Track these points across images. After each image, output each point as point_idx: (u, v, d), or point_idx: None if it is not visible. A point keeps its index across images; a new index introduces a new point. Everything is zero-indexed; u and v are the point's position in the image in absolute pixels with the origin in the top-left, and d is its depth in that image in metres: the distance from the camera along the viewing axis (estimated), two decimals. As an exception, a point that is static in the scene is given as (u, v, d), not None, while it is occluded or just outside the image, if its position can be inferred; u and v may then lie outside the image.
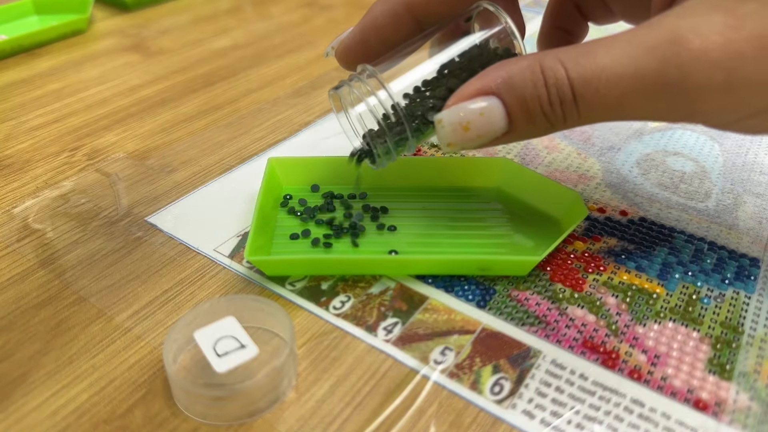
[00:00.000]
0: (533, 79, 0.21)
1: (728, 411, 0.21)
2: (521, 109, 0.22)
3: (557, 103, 0.21)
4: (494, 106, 0.22)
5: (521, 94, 0.22)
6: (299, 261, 0.26)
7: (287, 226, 0.28)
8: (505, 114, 0.22)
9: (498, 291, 0.26)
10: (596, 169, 0.34)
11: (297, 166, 0.31)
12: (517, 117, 0.22)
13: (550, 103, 0.21)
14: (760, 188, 0.32)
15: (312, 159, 0.31)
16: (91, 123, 0.39)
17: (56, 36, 0.50)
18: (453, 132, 0.23)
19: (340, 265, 0.26)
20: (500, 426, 0.21)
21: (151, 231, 0.29)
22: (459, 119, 0.22)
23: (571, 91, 0.21)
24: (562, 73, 0.21)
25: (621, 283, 0.26)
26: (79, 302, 0.25)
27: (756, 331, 0.24)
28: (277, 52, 0.49)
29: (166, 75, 0.45)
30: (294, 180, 0.31)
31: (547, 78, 0.21)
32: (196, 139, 0.37)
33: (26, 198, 0.32)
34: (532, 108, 0.22)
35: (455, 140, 0.23)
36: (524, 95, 0.22)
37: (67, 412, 0.21)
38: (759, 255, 0.28)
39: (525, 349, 0.23)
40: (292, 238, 0.28)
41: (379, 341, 0.23)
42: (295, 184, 0.31)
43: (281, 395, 0.21)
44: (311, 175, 0.31)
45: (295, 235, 0.28)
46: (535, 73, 0.21)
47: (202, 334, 0.21)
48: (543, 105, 0.21)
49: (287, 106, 0.40)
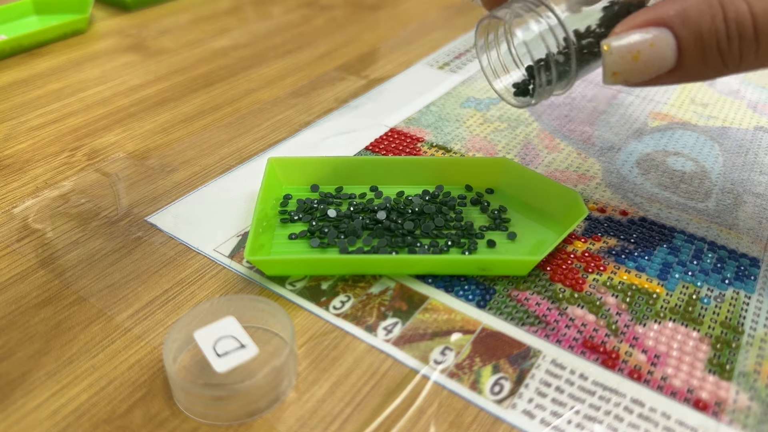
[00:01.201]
0: (711, 12, 0.20)
1: (728, 411, 0.21)
2: (696, 44, 0.21)
3: (735, 40, 0.20)
4: (666, 37, 0.21)
5: (697, 27, 0.21)
6: (299, 261, 0.26)
7: (287, 227, 0.28)
8: (676, 48, 0.21)
9: (498, 291, 0.26)
10: (596, 169, 0.34)
11: (297, 166, 0.31)
12: (690, 53, 0.21)
13: (728, 38, 0.20)
14: (760, 188, 0.32)
15: (312, 159, 0.31)
16: (91, 123, 0.39)
17: (56, 36, 0.50)
18: (621, 60, 0.22)
19: (339, 265, 0.26)
20: (500, 426, 0.21)
21: (151, 231, 0.29)
22: (629, 47, 0.21)
23: (753, 27, 0.20)
24: (744, 8, 0.20)
25: (621, 283, 0.26)
26: (79, 302, 0.25)
27: (756, 331, 0.24)
28: (277, 52, 0.49)
29: (166, 75, 0.45)
30: (294, 180, 0.31)
31: (727, 12, 0.20)
32: (196, 139, 0.37)
33: (26, 198, 0.32)
34: (708, 43, 0.21)
35: (623, 69, 0.22)
36: (700, 29, 0.21)
37: (67, 412, 0.21)
38: (759, 255, 0.28)
39: (525, 349, 0.23)
40: (291, 238, 0.28)
41: (379, 341, 0.23)
42: (295, 184, 0.31)
43: (281, 395, 0.21)
44: (311, 174, 0.31)
45: (294, 236, 0.28)
46: (713, 7, 0.20)
47: (202, 334, 0.21)
48: (720, 41, 0.20)
49: (287, 106, 0.40)
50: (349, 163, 0.31)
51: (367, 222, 0.28)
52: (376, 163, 0.31)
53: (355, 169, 0.31)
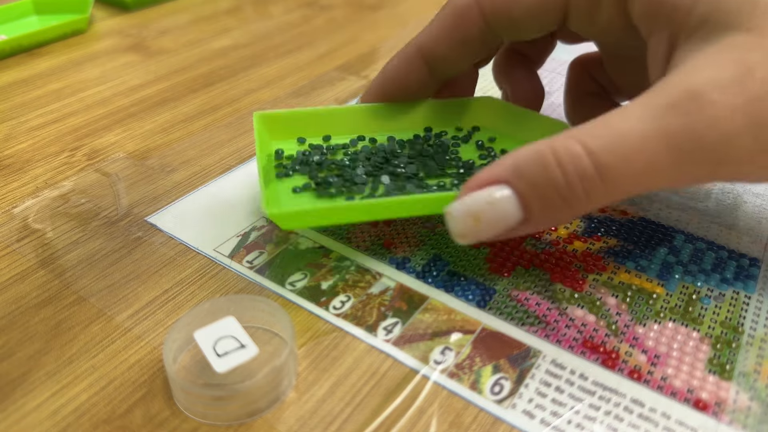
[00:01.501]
0: (543, 161, 0.20)
1: (728, 411, 0.21)
2: (536, 195, 0.21)
3: (576, 181, 0.20)
4: (505, 194, 0.21)
5: (532, 179, 0.21)
6: (323, 210, 0.25)
7: (284, 181, 0.28)
8: (518, 203, 0.21)
9: (498, 291, 0.26)
10: (596, 169, 0.34)
11: (282, 120, 0.30)
12: (533, 204, 0.21)
13: (567, 183, 0.20)
14: (760, 188, 0.32)
15: (298, 111, 0.31)
16: (91, 123, 0.39)
17: (56, 36, 0.50)
18: (464, 224, 0.22)
19: (359, 210, 0.25)
20: (500, 426, 0.21)
21: (151, 231, 0.29)
22: (468, 210, 0.21)
23: (592, 164, 0.20)
24: (578, 149, 0.20)
25: (621, 283, 0.26)
26: (79, 302, 0.25)
27: (756, 331, 0.24)
28: (277, 52, 0.49)
29: (166, 75, 0.45)
30: (280, 134, 0.30)
31: (561, 157, 0.20)
32: (196, 139, 0.37)
33: (26, 198, 0.32)
34: (547, 192, 0.20)
35: (467, 231, 0.22)
36: (535, 180, 0.20)
37: (67, 412, 0.21)
38: (759, 255, 0.28)
39: (525, 349, 0.23)
40: (295, 191, 0.27)
41: (379, 341, 0.23)
42: (282, 138, 0.31)
43: (281, 395, 0.21)
44: (297, 128, 0.31)
45: (299, 189, 0.27)
46: (544, 156, 0.20)
47: (202, 334, 0.21)
48: (559, 187, 0.20)
49: (287, 106, 0.40)
50: (336, 113, 0.31)
51: (370, 169, 0.28)
52: (363, 112, 0.31)
53: (342, 118, 0.31)
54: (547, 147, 0.21)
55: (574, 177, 0.20)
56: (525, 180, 0.21)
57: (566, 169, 0.20)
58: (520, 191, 0.21)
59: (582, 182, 0.20)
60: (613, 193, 0.20)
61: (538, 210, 0.21)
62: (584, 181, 0.20)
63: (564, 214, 0.21)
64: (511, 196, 0.21)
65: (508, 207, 0.21)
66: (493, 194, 0.21)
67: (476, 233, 0.22)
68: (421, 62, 0.29)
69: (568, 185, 0.20)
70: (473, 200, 0.21)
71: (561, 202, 0.21)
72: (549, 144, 0.21)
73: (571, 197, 0.20)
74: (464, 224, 0.22)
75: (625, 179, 0.20)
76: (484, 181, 0.22)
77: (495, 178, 0.21)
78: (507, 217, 0.21)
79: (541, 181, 0.20)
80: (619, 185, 0.20)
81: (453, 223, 0.22)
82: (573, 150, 0.20)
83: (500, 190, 0.21)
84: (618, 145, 0.20)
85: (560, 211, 0.21)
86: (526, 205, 0.21)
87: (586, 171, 0.20)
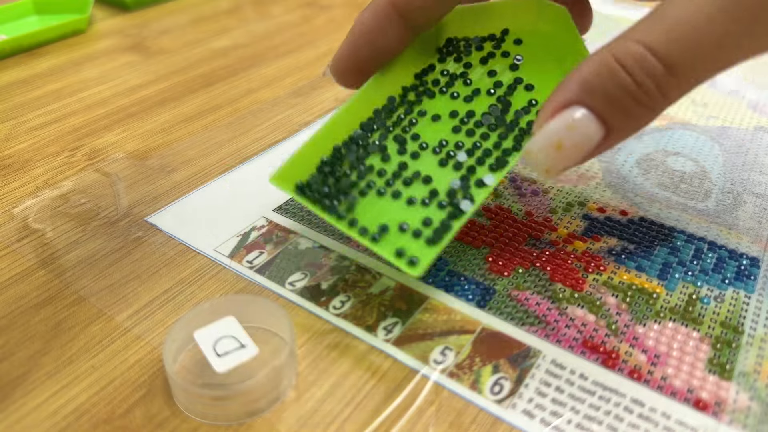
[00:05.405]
0: (609, 69, 0.20)
1: (728, 411, 0.21)
2: (612, 106, 0.20)
3: (647, 81, 0.20)
4: (581, 114, 0.21)
5: (604, 91, 0.20)
6: None
7: None
8: (595, 119, 0.21)
9: (498, 291, 0.26)
10: (596, 169, 0.34)
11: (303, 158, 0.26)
12: (611, 116, 0.21)
13: (639, 84, 0.20)
14: (760, 188, 0.32)
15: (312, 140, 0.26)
16: (91, 123, 0.39)
17: (56, 36, 0.50)
18: (547, 156, 0.21)
19: None
20: (500, 426, 0.21)
21: (151, 231, 0.29)
22: (548, 141, 0.21)
23: (658, 60, 0.19)
24: (639, 49, 0.20)
25: (621, 282, 0.26)
26: (79, 302, 0.25)
27: (756, 331, 0.24)
28: (277, 52, 0.49)
29: (166, 75, 0.45)
30: (305, 170, 0.25)
31: (624, 61, 0.20)
32: (196, 139, 0.37)
33: (26, 198, 0.32)
34: (623, 100, 0.20)
35: (552, 163, 0.21)
36: (608, 91, 0.20)
37: (67, 412, 0.21)
38: (759, 255, 0.28)
39: (525, 348, 0.23)
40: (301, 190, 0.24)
41: (379, 341, 0.23)
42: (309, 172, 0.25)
43: (281, 395, 0.21)
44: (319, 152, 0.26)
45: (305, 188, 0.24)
46: (608, 64, 0.20)
47: (202, 333, 0.21)
48: (633, 92, 0.20)
49: (287, 106, 0.40)
50: (338, 119, 0.26)
51: None
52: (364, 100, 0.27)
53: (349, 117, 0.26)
54: (608, 55, 0.20)
55: (644, 77, 0.20)
56: (597, 94, 0.20)
57: (634, 72, 0.20)
58: (595, 106, 0.21)
59: (653, 80, 0.20)
60: (686, 84, 0.20)
61: (617, 120, 0.21)
62: (655, 78, 0.20)
63: (643, 118, 0.21)
64: (587, 113, 0.21)
65: (587, 125, 0.21)
66: (570, 117, 0.21)
67: (562, 161, 0.21)
68: (395, 15, 0.25)
69: (640, 87, 0.20)
70: (551, 130, 0.21)
71: (637, 107, 0.20)
72: (609, 52, 0.20)
73: (646, 99, 0.20)
74: (547, 156, 0.21)
75: (696, 67, 0.20)
76: (555, 108, 0.21)
77: (566, 101, 0.21)
78: (589, 136, 0.21)
79: (613, 91, 0.20)
80: (690, 74, 0.20)
81: (535, 160, 0.22)
82: (635, 51, 0.20)
83: (575, 111, 0.21)
84: (682, 34, 0.19)
85: (638, 115, 0.21)
86: (605, 118, 0.21)
87: (654, 69, 0.20)
